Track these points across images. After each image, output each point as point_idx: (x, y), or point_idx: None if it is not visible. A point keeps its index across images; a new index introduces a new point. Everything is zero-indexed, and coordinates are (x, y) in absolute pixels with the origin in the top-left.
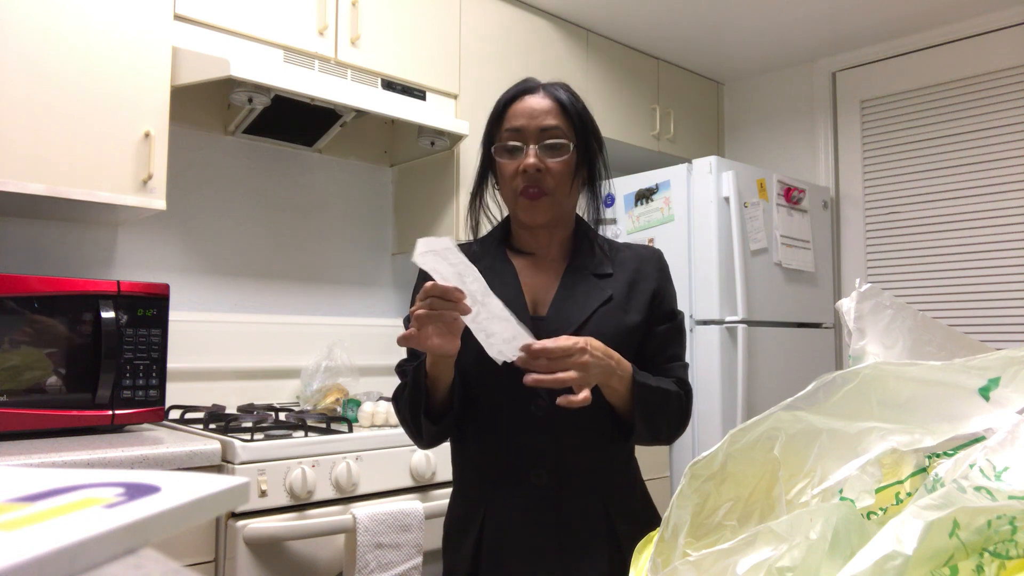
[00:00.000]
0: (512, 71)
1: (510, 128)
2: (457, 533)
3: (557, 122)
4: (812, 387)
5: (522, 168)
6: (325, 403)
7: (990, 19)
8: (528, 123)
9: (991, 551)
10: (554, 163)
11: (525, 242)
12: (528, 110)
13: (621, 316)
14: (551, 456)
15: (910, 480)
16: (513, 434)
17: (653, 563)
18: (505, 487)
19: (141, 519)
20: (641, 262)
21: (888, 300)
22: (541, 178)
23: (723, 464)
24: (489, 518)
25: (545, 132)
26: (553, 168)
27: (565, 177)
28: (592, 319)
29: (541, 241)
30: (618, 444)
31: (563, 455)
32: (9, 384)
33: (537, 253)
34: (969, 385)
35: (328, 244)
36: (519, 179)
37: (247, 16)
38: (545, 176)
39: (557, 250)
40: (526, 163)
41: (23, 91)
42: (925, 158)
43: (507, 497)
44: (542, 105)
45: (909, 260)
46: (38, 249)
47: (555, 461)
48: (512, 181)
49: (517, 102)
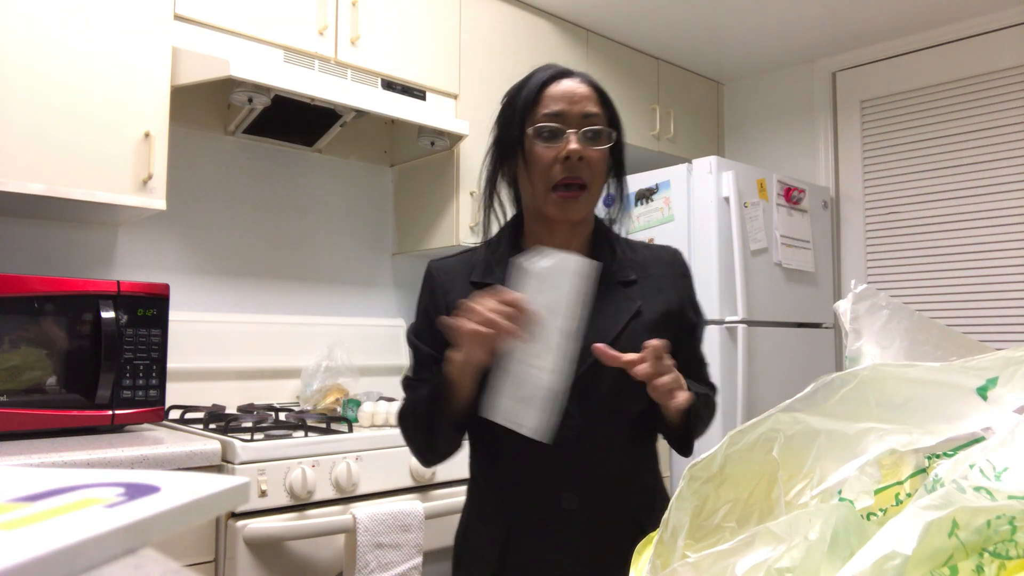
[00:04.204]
0: (512, 71)
1: (549, 112)
2: (472, 559)
3: (598, 109)
4: (811, 388)
5: (563, 155)
6: (325, 403)
7: (990, 19)
8: (570, 108)
9: (991, 551)
10: (594, 153)
11: (542, 242)
12: (568, 94)
13: (651, 328)
14: (582, 477)
15: (910, 481)
16: (541, 455)
17: (652, 564)
18: (532, 511)
19: (141, 519)
20: (662, 266)
21: (884, 300)
22: (581, 168)
23: (722, 466)
24: (513, 543)
25: (587, 119)
26: (593, 158)
27: (602, 169)
28: (624, 333)
29: (560, 241)
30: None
31: (594, 475)
32: (9, 384)
33: None
34: (967, 385)
35: (328, 244)
36: (557, 168)
37: (247, 16)
38: (584, 167)
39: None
40: (569, 149)
41: (23, 91)
42: (925, 158)
43: (534, 522)
44: (582, 90)
45: (909, 260)
46: (38, 249)
47: (586, 482)
48: (548, 171)
49: (553, 84)
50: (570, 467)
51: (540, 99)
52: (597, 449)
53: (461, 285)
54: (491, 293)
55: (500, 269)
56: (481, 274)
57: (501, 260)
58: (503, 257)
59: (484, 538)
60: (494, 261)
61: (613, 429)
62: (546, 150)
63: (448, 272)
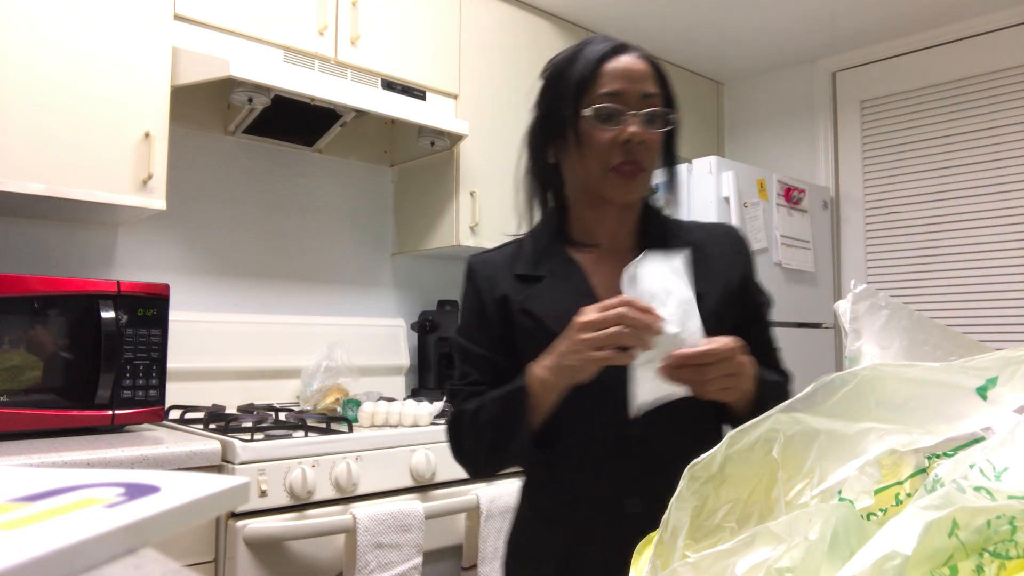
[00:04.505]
0: (512, 71)
1: (608, 91)
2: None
3: (656, 89)
4: (810, 388)
5: (623, 139)
6: (325, 403)
7: (990, 19)
8: (629, 87)
9: (991, 551)
10: (654, 135)
11: (589, 230)
12: (627, 71)
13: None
14: (647, 480)
15: (910, 481)
16: (605, 459)
17: (652, 564)
18: (595, 516)
19: (141, 519)
20: (718, 245)
21: (884, 300)
22: (640, 152)
23: (722, 466)
24: (575, 548)
25: (647, 99)
26: (651, 141)
27: (658, 152)
28: None
29: (609, 226)
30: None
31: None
32: (9, 384)
33: (602, 244)
34: (967, 385)
35: (328, 244)
36: (616, 151)
37: (247, 16)
38: (643, 149)
39: (626, 239)
40: (630, 132)
41: (23, 91)
42: (925, 158)
43: (597, 527)
44: (641, 67)
45: (909, 260)
46: (38, 249)
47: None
48: (607, 154)
49: (611, 61)
50: (635, 469)
51: (596, 77)
52: (663, 449)
53: (506, 278)
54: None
55: (548, 260)
56: (528, 266)
57: (548, 250)
58: (549, 247)
59: (542, 543)
60: (540, 252)
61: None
62: (603, 132)
63: (491, 266)
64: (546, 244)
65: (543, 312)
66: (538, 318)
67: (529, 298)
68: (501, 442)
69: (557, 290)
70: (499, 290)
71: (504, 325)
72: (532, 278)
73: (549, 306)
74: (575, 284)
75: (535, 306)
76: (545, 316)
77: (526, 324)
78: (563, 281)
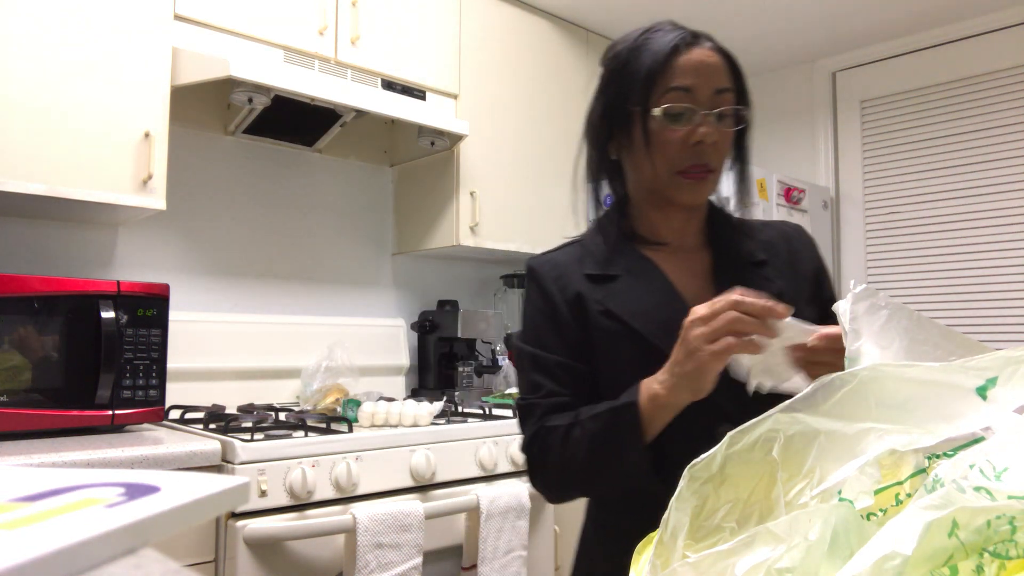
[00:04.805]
0: (512, 71)
1: (678, 87)
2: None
3: (730, 85)
4: (810, 388)
5: (694, 140)
6: (325, 403)
7: (990, 19)
8: (701, 83)
9: (991, 551)
10: (725, 135)
11: (656, 229)
12: (700, 66)
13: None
14: None
15: (910, 481)
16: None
17: (652, 565)
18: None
19: (141, 519)
20: (790, 242)
21: (883, 300)
22: (710, 154)
23: (722, 466)
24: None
25: (719, 96)
26: (723, 141)
27: (728, 151)
28: None
29: (676, 226)
30: None
31: None
32: (9, 384)
33: (671, 242)
34: (967, 385)
35: (328, 244)
36: (685, 153)
37: (247, 16)
38: (713, 150)
39: (694, 237)
40: (701, 133)
41: (23, 91)
42: (925, 158)
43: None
44: (714, 61)
45: (909, 260)
46: (38, 249)
47: None
48: (676, 156)
49: (683, 54)
50: None
51: (666, 70)
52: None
53: (576, 278)
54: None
55: (620, 258)
56: (599, 265)
57: (617, 248)
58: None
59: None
60: (609, 250)
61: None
62: (673, 132)
63: (557, 266)
64: (614, 242)
65: (625, 311)
66: (620, 318)
67: (607, 298)
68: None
69: (636, 288)
70: (571, 289)
71: (581, 328)
72: (605, 277)
73: (630, 305)
74: (655, 282)
75: (615, 306)
76: (628, 316)
77: (607, 326)
78: (641, 279)
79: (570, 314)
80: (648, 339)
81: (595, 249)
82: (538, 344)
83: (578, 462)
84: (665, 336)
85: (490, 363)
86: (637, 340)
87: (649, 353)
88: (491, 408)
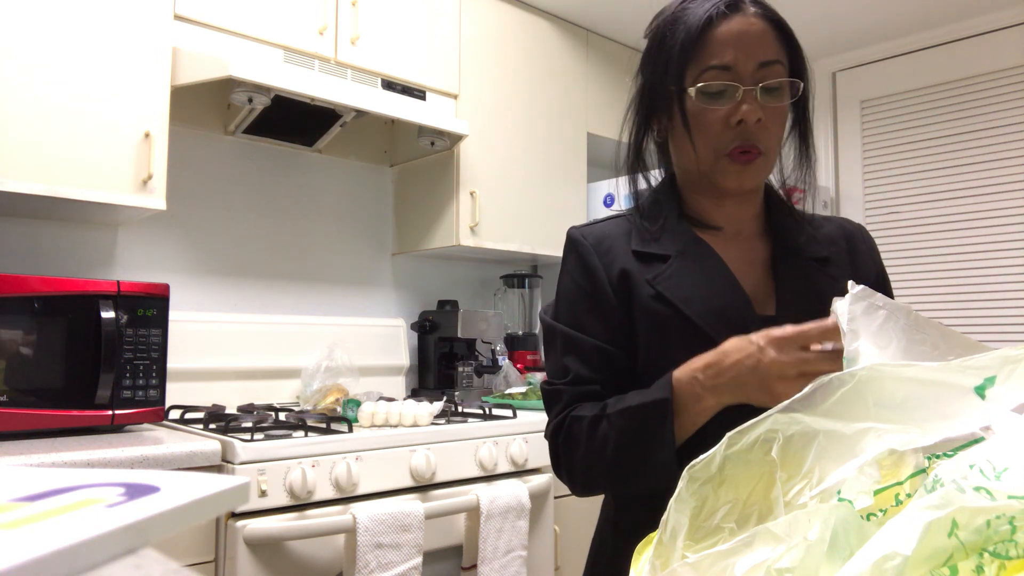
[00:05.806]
0: (512, 71)
1: (717, 64)
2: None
3: (777, 55)
4: (809, 389)
5: (736, 120)
6: (325, 403)
7: (990, 19)
8: (743, 56)
9: (991, 551)
10: (775, 111)
11: (707, 213)
12: (739, 38)
13: None
14: None
15: (909, 481)
16: None
17: (652, 565)
18: None
19: (141, 519)
20: (852, 240)
21: (881, 301)
22: (757, 134)
23: (721, 467)
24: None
25: (764, 69)
26: (772, 119)
27: (781, 129)
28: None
29: (729, 211)
30: None
31: None
32: (9, 384)
33: (726, 228)
34: (965, 384)
35: (328, 244)
36: (728, 134)
37: (247, 16)
38: (761, 130)
39: (751, 223)
40: (743, 112)
41: (23, 91)
42: (925, 158)
43: None
44: (756, 29)
45: (909, 260)
46: (38, 249)
47: None
48: (719, 136)
49: (721, 25)
50: None
51: (703, 44)
52: None
53: (623, 254)
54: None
55: (671, 238)
56: (648, 243)
57: (667, 228)
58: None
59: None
60: (657, 229)
61: None
62: (713, 112)
63: (603, 238)
64: (664, 221)
65: (677, 296)
66: (672, 302)
67: (658, 280)
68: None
69: (690, 272)
70: (617, 266)
71: (624, 310)
72: (657, 257)
73: (684, 290)
74: (712, 268)
75: (667, 288)
76: (680, 301)
77: (655, 309)
78: (696, 262)
79: (614, 293)
80: (701, 328)
81: (645, 226)
82: (574, 324)
83: (605, 459)
84: (720, 326)
85: (490, 363)
86: (688, 328)
87: (699, 342)
88: (491, 408)
